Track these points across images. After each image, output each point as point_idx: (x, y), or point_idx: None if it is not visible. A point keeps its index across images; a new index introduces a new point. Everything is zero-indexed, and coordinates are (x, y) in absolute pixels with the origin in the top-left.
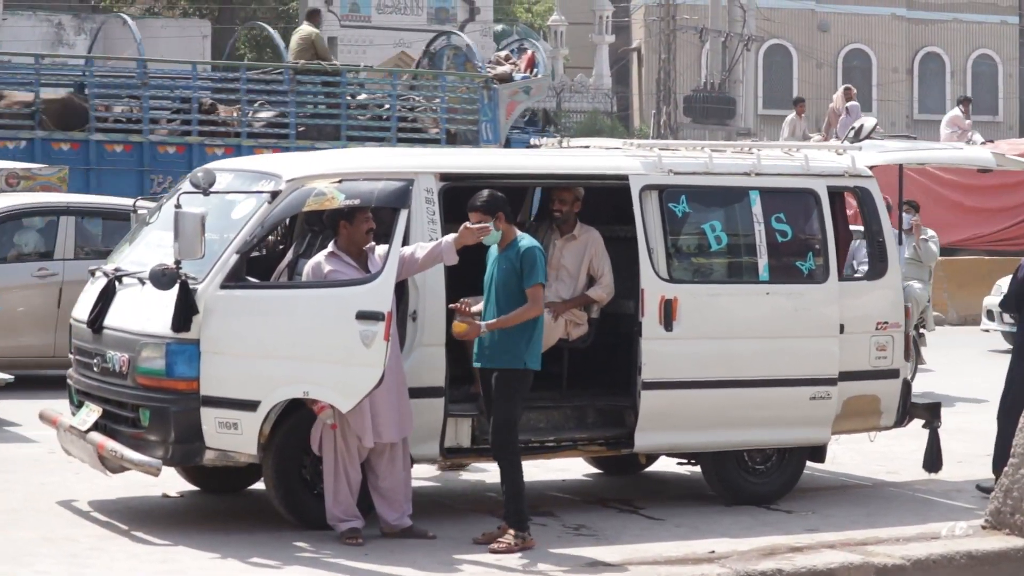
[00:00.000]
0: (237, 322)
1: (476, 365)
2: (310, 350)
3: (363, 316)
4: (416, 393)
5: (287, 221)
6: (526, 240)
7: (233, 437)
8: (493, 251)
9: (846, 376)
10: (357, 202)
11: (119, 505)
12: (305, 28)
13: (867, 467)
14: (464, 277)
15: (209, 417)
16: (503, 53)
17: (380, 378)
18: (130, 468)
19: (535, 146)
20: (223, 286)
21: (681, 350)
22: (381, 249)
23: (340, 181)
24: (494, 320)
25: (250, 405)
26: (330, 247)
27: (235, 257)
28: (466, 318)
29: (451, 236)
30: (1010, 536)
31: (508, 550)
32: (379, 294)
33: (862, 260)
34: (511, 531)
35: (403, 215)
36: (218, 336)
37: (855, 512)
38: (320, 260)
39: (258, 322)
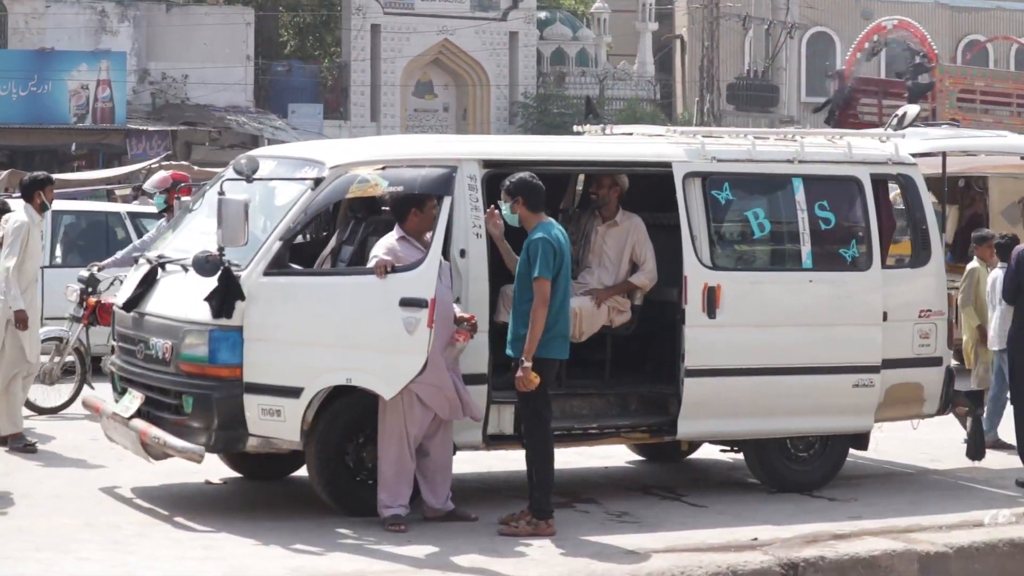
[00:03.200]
0: (280, 309)
1: (508, 353)
2: (353, 337)
3: (406, 303)
4: None
5: (330, 208)
6: (538, 231)
7: (276, 424)
8: None
9: (889, 364)
10: (400, 189)
11: (162, 492)
12: None
13: (910, 455)
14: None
15: (252, 404)
16: None
17: (423, 365)
18: (173, 455)
19: (579, 133)
20: (266, 273)
21: (724, 337)
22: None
23: (383, 168)
24: (523, 349)
25: (293, 392)
26: (398, 231)
27: (278, 244)
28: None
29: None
30: None
31: (514, 534)
32: (422, 281)
33: None
34: (528, 516)
35: (447, 202)
36: (261, 323)
37: (898, 499)
38: (393, 243)
39: (301, 309)
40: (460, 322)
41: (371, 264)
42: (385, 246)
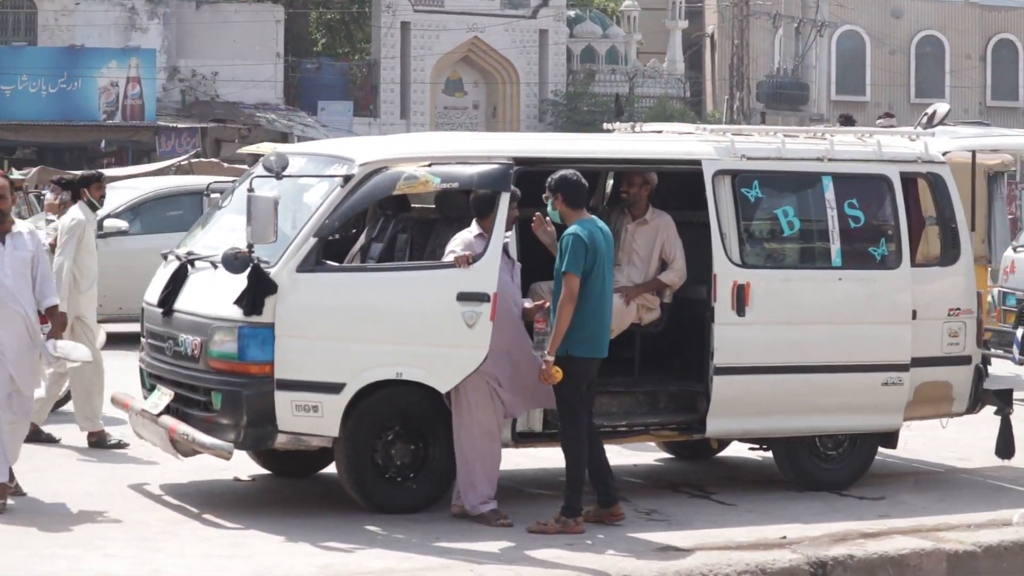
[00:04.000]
0: (319, 305)
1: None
2: (404, 332)
3: (465, 297)
4: None
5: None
6: (574, 227)
7: (313, 420)
8: None
9: (918, 362)
10: (456, 185)
11: (190, 489)
12: None
13: (939, 453)
14: (539, 260)
15: (284, 400)
16: None
17: (484, 358)
18: (201, 452)
19: (609, 131)
20: (300, 269)
21: (753, 335)
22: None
23: (430, 165)
24: (548, 344)
25: (334, 388)
26: (476, 227)
27: (313, 241)
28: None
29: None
30: None
31: (543, 531)
32: (484, 274)
33: None
34: (559, 514)
35: (505, 198)
36: (296, 319)
37: (926, 498)
38: (470, 239)
39: (343, 305)
40: (535, 312)
41: (448, 259)
42: (462, 241)
